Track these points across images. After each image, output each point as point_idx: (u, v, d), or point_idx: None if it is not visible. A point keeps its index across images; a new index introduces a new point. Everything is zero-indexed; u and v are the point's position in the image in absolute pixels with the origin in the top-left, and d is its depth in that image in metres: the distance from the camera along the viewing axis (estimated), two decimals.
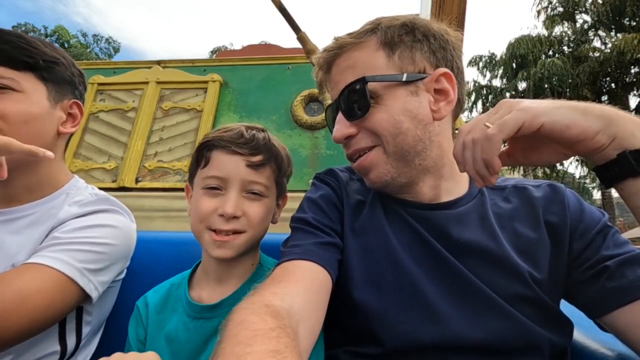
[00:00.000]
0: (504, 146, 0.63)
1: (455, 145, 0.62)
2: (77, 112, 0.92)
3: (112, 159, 2.03)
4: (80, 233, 0.78)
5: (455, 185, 0.76)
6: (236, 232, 0.75)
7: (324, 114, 1.76)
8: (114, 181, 1.96)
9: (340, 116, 0.72)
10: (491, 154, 0.56)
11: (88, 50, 34.25)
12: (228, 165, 0.75)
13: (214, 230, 0.74)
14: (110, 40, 36.72)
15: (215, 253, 0.74)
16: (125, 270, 0.94)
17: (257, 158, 0.77)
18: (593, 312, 0.65)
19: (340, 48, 0.72)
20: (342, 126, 0.71)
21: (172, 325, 0.77)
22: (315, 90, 2.08)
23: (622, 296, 0.60)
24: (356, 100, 0.69)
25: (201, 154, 0.78)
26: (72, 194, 0.87)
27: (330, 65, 0.74)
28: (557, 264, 0.67)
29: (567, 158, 0.60)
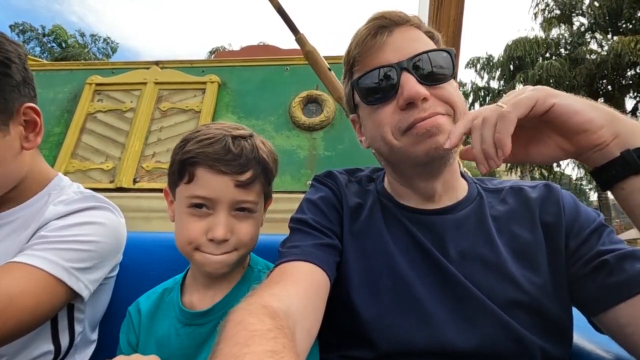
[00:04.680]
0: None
1: (458, 123, 0.63)
2: (34, 117, 0.79)
3: (110, 160, 2.02)
4: (67, 231, 0.76)
5: (457, 188, 0.77)
6: (226, 252, 0.72)
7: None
8: (111, 182, 1.95)
9: (409, 78, 0.66)
10: (505, 132, 0.55)
11: (86, 50, 34.13)
12: (216, 186, 0.69)
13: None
14: (108, 41, 36.62)
15: (207, 270, 0.73)
16: (117, 267, 0.93)
17: (246, 176, 0.71)
18: (594, 308, 0.64)
19: (407, 21, 0.72)
20: (416, 85, 0.65)
21: (164, 330, 0.76)
22: (314, 92, 2.07)
23: (623, 291, 0.59)
24: (440, 67, 0.68)
25: (184, 168, 0.72)
26: (55, 194, 0.85)
27: (392, 31, 0.71)
28: (555, 264, 0.68)
29: (566, 156, 0.60)
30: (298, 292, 0.58)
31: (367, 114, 0.73)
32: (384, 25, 0.70)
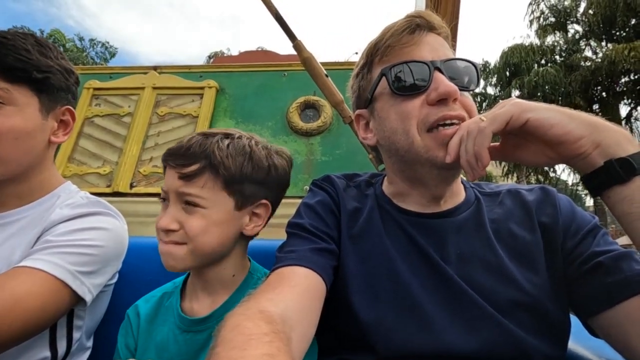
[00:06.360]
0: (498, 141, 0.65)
1: (453, 137, 0.65)
2: (69, 119, 0.91)
3: (107, 164, 2.01)
4: (72, 236, 0.78)
5: (456, 191, 0.78)
6: (175, 243, 0.72)
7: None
8: (108, 186, 1.95)
9: (443, 77, 0.68)
10: (481, 145, 0.59)
11: (84, 54, 34.14)
12: (167, 179, 0.75)
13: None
14: (107, 45, 36.67)
15: (164, 263, 0.74)
16: (117, 275, 0.94)
17: (189, 169, 0.72)
18: (592, 308, 0.63)
19: (442, 29, 0.74)
20: (451, 83, 0.67)
21: (163, 336, 0.76)
22: (311, 97, 2.09)
23: (621, 290, 0.60)
24: (468, 76, 0.72)
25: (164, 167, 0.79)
26: (64, 196, 0.88)
27: (428, 33, 0.73)
28: (553, 264, 0.68)
29: (552, 162, 0.62)
30: (294, 297, 0.58)
31: (390, 105, 0.72)
32: (421, 24, 0.72)
